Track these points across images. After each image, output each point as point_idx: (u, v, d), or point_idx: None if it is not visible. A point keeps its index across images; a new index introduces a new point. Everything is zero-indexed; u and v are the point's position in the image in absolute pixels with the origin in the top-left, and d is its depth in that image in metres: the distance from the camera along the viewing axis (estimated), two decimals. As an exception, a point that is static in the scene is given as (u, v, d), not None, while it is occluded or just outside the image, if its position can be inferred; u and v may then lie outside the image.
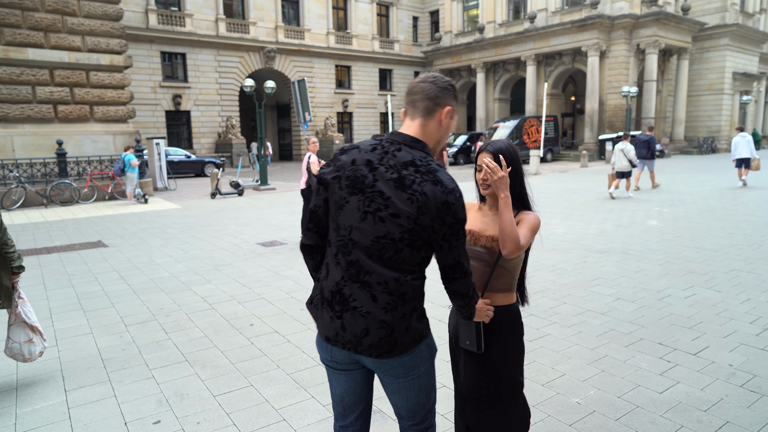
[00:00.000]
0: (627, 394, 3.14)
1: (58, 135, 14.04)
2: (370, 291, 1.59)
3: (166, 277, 6.00)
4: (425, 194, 1.55)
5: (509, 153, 1.99)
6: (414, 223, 1.56)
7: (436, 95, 1.66)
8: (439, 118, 1.68)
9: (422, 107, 1.66)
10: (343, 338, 1.64)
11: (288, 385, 3.32)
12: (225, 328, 4.36)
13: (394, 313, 1.59)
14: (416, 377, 1.73)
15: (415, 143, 1.65)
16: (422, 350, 1.71)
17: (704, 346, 3.81)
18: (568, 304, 4.78)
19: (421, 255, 1.63)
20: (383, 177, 1.59)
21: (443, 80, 1.70)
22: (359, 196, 1.60)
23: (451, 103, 1.70)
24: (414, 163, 1.59)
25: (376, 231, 1.58)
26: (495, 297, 2.04)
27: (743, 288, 5.15)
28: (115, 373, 3.52)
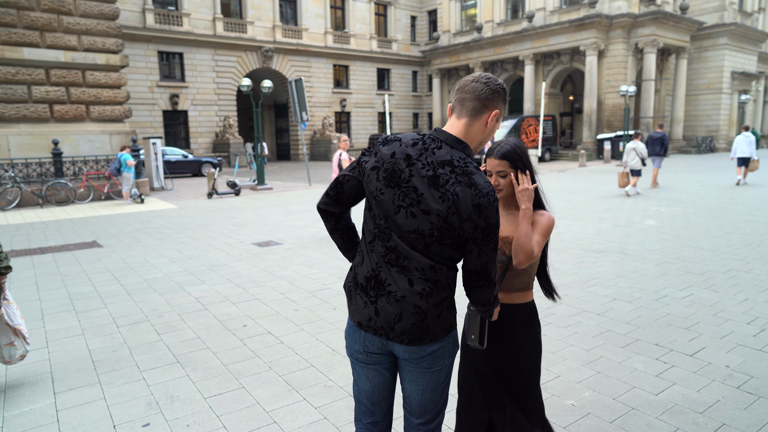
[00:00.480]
0: (622, 395, 3.11)
1: (54, 135, 13.98)
2: (408, 275, 1.61)
3: (160, 278, 5.96)
4: (457, 195, 1.56)
5: (517, 155, 1.95)
6: (443, 221, 1.57)
7: (487, 97, 1.65)
8: (486, 119, 1.67)
9: (471, 107, 1.66)
10: (376, 323, 1.66)
11: (280, 387, 3.28)
12: (218, 329, 4.32)
13: (429, 300, 1.62)
14: (438, 370, 1.73)
15: (457, 143, 1.64)
16: (449, 342, 1.73)
17: (701, 347, 3.78)
18: (564, 305, 4.74)
19: (450, 252, 1.63)
20: (419, 173, 1.60)
21: (495, 82, 1.68)
22: (395, 189, 1.62)
23: (500, 107, 1.69)
24: (451, 162, 1.60)
25: (407, 225, 1.60)
26: (511, 296, 2.03)
27: (741, 288, 5.12)
28: (106, 375, 3.47)
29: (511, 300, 2.03)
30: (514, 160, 1.95)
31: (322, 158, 31.46)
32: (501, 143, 2.00)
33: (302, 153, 20.33)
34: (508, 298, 2.03)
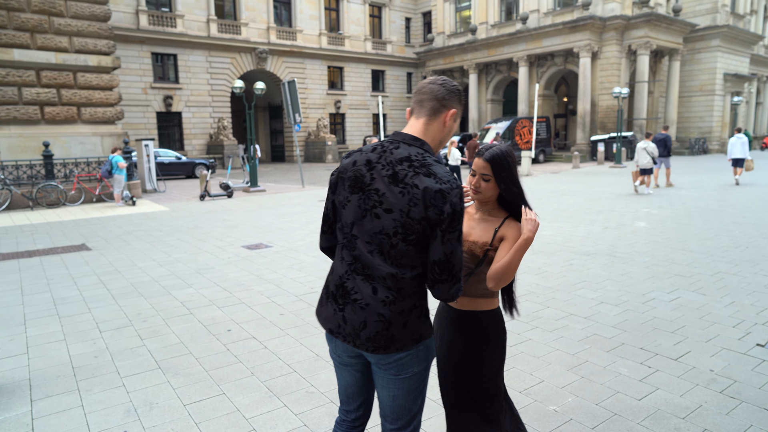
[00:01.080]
0: (605, 401, 3.09)
1: (44, 136, 13.88)
2: (372, 283, 1.64)
3: (147, 282, 5.91)
4: (416, 186, 1.58)
5: (504, 164, 1.92)
6: (406, 216, 1.59)
7: (443, 97, 1.71)
8: (444, 119, 1.72)
9: (429, 107, 1.71)
10: (344, 330, 1.69)
11: (261, 393, 3.25)
12: (202, 333, 4.28)
13: (392, 308, 1.63)
14: (408, 377, 1.73)
15: (414, 141, 1.69)
16: (419, 350, 1.72)
17: (686, 350, 3.77)
18: (551, 308, 4.73)
19: (416, 253, 1.63)
20: (380, 174, 1.64)
21: (451, 84, 1.75)
22: (359, 194, 1.67)
23: (457, 107, 1.75)
24: (409, 158, 1.63)
25: (373, 227, 1.64)
26: (476, 302, 1.98)
27: (728, 291, 5.12)
28: (85, 381, 3.43)
29: (476, 306, 1.99)
30: (499, 167, 1.91)
31: (316, 160, 31.42)
32: (492, 146, 1.96)
33: (296, 155, 20.27)
34: (473, 304, 1.99)
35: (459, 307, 2.02)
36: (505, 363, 3.53)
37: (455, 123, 1.76)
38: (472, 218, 2.03)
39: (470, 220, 2.03)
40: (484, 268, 1.94)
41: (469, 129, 33.31)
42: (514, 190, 1.94)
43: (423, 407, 1.85)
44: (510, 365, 3.56)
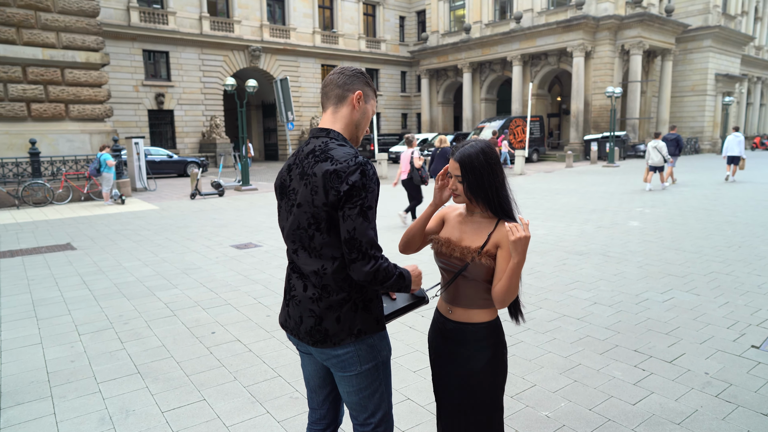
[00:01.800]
0: (599, 406, 3.00)
1: (31, 134, 13.65)
2: (304, 281, 1.69)
3: (131, 282, 5.76)
4: (314, 174, 1.60)
5: (480, 161, 1.74)
6: (311, 205, 1.61)
7: (344, 82, 1.72)
8: (352, 103, 1.72)
9: (333, 96, 1.72)
10: (289, 325, 1.76)
11: (243, 399, 3.13)
12: (185, 336, 4.15)
13: (320, 304, 1.66)
14: (354, 375, 1.72)
15: (320, 132, 1.70)
16: (361, 349, 1.68)
17: (680, 353, 3.68)
18: (543, 309, 4.64)
19: (333, 237, 1.62)
20: (294, 175, 1.70)
21: (351, 69, 1.76)
22: (285, 199, 1.75)
23: (362, 88, 1.74)
24: (314, 150, 1.66)
25: (292, 224, 1.69)
26: (470, 313, 1.82)
27: (721, 291, 5.06)
28: (59, 387, 3.30)
29: (471, 318, 1.83)
30: (469, 167, 1.75)
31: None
32: (466, 144, 1.80)
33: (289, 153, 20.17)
34: (467, 315, 1.83)
35: (453, 318, 1.87)
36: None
37: (369, 105, 1.76)
38: (464, 222, 1.87)
39: (462, 224, 1.87)
40: (476, 275, 1.77)
41: (462, 128, 33.25)
42: (489, 194, 1.76)
43: (386, 405, 1.82)
44: (501, 369, 3.46)
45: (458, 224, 1.88)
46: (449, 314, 1.88)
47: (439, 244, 1.87)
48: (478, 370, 1.82)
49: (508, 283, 1.69)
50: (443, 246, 1.86)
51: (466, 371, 1.84)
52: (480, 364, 1.82)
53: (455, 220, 1.91)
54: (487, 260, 1.75)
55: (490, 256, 1.76)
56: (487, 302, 1.81)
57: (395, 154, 28.71)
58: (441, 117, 35.89)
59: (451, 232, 1.88)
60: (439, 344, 1.93)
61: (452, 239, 1.85)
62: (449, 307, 1.88)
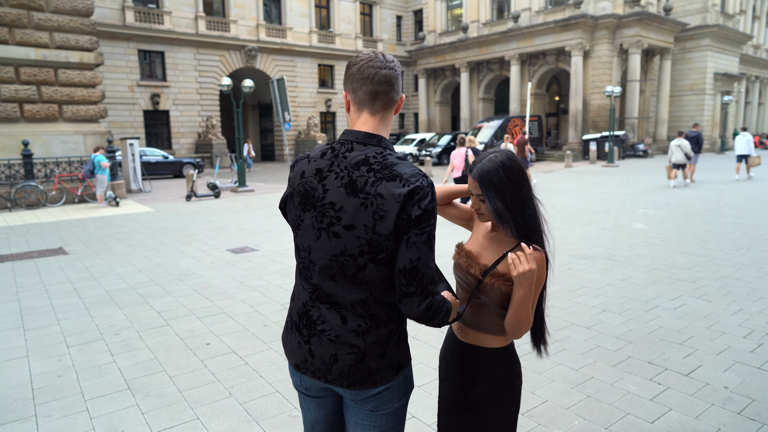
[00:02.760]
0: (615, 424, 2.84)
1: (24, 135, 13.44)
2: (340, 312, 1.41)
3: (123, 289, 5.58)
4: (380, 195, 1.32)
5: (500, 177, 1.54)
6: (372, 231, 1.33)
7: (395, 82, 1.44)
8: (394, 110, 1.48)
9: (383, 94, 1.42)
10: (312, 365, 1.47)
11: (238, 418, 2.95)
12: (178, 348, 3.97)
13: (366, 338, 1.40)
14: (387, 414, 1.49)
15: (369, 138, 1.42)
16: (400, 383, 1.48)
17: (697, 364, 3.52)
18: (551, 317, 4.47)
19: (389, 274, 1.37)
20: (333, 185, 1.39)
21: (392, 61, 1.45)
22: (312, 212, 1.42)
23: (400, 90, 1.49)
24: (367, 161, 1.37)
25: (332, 248, 1.38)
26: (481, 337, 1.65)
27: (734, 297, 4.90)
28: (44, 405, 3.12)
29: (480, 341, 1.66)
30: (488, 184, 1.55)
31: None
32: (484, 158, 1.59)
33: (286, 154, 19.94)
34: (476, 338, 1.66)
35: (464, 339, 1.70)
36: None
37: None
38: (486, 237, 1.69)
39: (484, 239, 1.69)
40: (489, 298, 1.59)
41: (460, 128, 33.10)
42: (513, 214, 1.56)
43: None
44: (510, 383, 3.29)
45: (481, 238, 1.71)
46: (459, 334, 1.73)
47: (460, 255, 1.70)
48: (482, 398, 1.65)
49: (517, 316, 1.52)
50: (463, 258, 1.68)
51: (471, 398, 1.67)
52: (484, 392, 1.65)
53: (480, 232, 1.74)
54: (501, 284, 1.56)
55: (504, 279, 1.57)
56: (501, 329, 1.64)
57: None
58: (438, 117, 35.73)
59: (473, 245, 1.71)
60: (449, 364, 1.77)
61: (473, 253, 1.67)
62: (460, 327, 1.72)
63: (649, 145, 28.75)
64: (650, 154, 28.05)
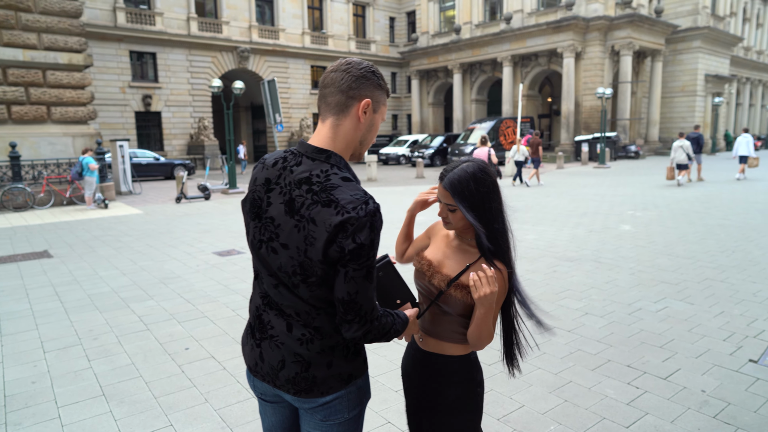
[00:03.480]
0: (591, 428, 2.83)
1: (12, 137, 13.33)
2: (286, 319, 1.40)
3: (106, 293, 5.53)
4: (312, 220, 1.27)
5: (470, 189, 1.51)
6: (303, 255, 1.29)
7: (349, 86, 1.34)
8: (356, 114, 1.35)
9: (333, 103, 1.35)
10: (262, 369, 1.45)
11: (212, 425, 2.92)
12: (156, 353, 3.93)
13: (309, 347, 1.37)
14: (336, 423, 1.45)
15: (318, 154, 1.34)
16: (351, 394, 1.44)
17: (675, 368, 3.52)
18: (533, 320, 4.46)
19: (324, 294, 1.33)
20: (276, 200, 1.35)
21: (360, 66, 1.36)
22: (256, 222, 1.41)
23: (372, 94, 1.37)
24: (309, 180, 1.31)
25: (272, 262, 1.37)
26: (442, 345, 1.64)
27: (716, 299, 4.91)
28: (15, 413, 3.08)
29: (442, 350, 1.65)
30: (460, 194, 1.52)
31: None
32: (456, 167, 1.56)
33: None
34: (438, 346, 1.65)
35: (425, 348, 1.69)
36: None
37: (378, 114, 1.40)
38: (449, 245, 1.67)
39: (446, 248, 1.67)
40: (450, 308, 1.58)
41: (453, 129, 33.14)
42: (481, 223, 1.53)
43: None
44: (488, 387, 3.28)
45: (443, 246, 1.69)
46: (420, 342, 1.71)
47: (421, 264, 1.68)
48: (446, 405, 1.64)
49: (478, 331, 1.52)
50: (424, 267, 1.66)
51: (434, 406, 1.66)
52: (448, 401, 1.64)
53: (442, 240, 1.72)
54: (463, 295, 1.55)
55: (468, 291, 1.55)
56: (462, 337, 1.63)
57: (385, 156, 28.55)
58: (431, 118, 35.77)
59: (435, 253, 1.68)
60: (410, 372, 1.75)
61: (434, 263, 1.65)
62: (421, 335, 1.71)
63: (640, 146, 28.89)
64: (642, 155, 28.19)
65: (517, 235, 8.16)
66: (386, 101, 1.44)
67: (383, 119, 1.45)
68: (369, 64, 1.39)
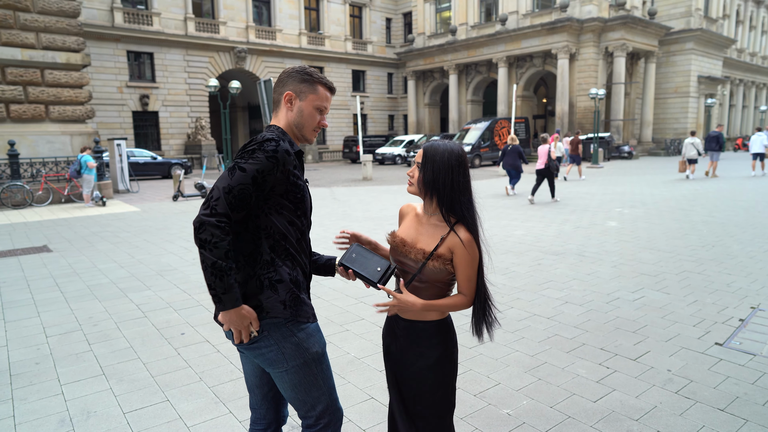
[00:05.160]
0: (560, 403, 3.03)
1: (10, 135, 13.48)
2: None
3: (104, 284, 5.71)
4: None
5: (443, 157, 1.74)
6: None
7: (277, 85, 1.79)
8: (284, 103, 1.78)
9: (275, 98, 1.81)
10: None
11: (206, 400, 3.11)
12: (154, 337, 4.12)
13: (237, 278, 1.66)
14: (284, 371, 1.71)
15: (267, 129, 1.78)
16: (284, 346, 1.68)
17: (645, 350, 3.73)
18: (515, 309, 4.67)
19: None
20: None
21: (287, 70, 1.82)
22: None
23: (293, 87, 1.77)
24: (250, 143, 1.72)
25: None
26: (422, 313, 1.82)
27: (692, 290, 5.13)
28: (21, 390, 3.26)
29: (422, 317, 1.83)
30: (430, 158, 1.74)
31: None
32: (442, 140, 1.83)
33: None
34: (418, 314, 1.83)
35: (406, 317, 1.86)
36: (463, 366, 3.47)
37: (305, 102, 1.77)
38: (421, 222, 1.84)
39: (419, 225, 1.84)
40: (428, 278, 1.76)
41: (449, 129, 33.37)
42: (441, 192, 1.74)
43: (326, 398, 1.79)
44: (467, 368, 3.48)
45: (415, 224, 1.86)
46: (404, 314, 1.87)
47: (395, 242, 1.85)
48: (427, 367, 1.83)
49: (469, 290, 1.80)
50: (398, 245, 1.84)
51: (417, 369, 1.85)
52: (429, 362, 1.83)
53: (412, 220, 1.89)
54: (439, 264, 1.74)
55: (444, 260, 1.75)
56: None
57: (381, 156, 28.73)
58: (427, 118, 36.00)
59: (407, 232, 1.86)
60: (390, 342, 1.93)
61: (407, 240, 1.82)
62: None
63: (633, 146, 29.18)
64: (635, 155, 28.46)
65: (506, 231, 8.37)
66: (318, 90, 1.78)
67: (320, 107, 1.79)
68: (299, 66, 1.82)
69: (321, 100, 1.79)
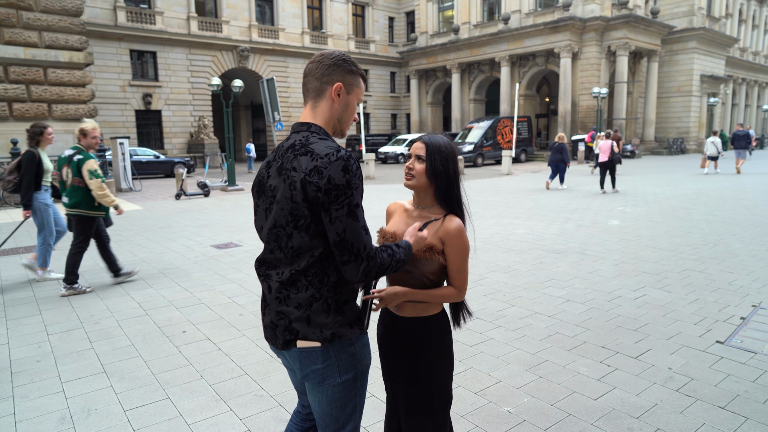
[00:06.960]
0: (561, 401, 3.02)
1: (13, 134, 13.49)
2: (269, 282, 1.62)
3: (106, 282, 5.72)
4: (294, 168, 1.51)
5: (447, 148, 1.80)
6: (290, 201, 1.51)
7: (323, 73, 1.60)
8: (331, 96, 1.61)
9: (312, 89, 1.62)
10: (267, 335, 1.68)
11: (207, 397, 3.12)
12: (155, 335, 4.13)
13: (288, 302, 1.56)
14: (330, 387, 1.60)
15: (301, 126, 1.61)
16: (341, 358, 1.58)
17: (646, 348, 3.72)
18: (516, 307, 4.66)
19: (311, 236, 1.51)
20: (273, 172, 1.59)
21: (331, 56, 1.62)
22: (262, 197, 1.64)
23: (343, 78, 1.61)
24: (293, 145, 1.56)
25: (269, 223, 1.60)
26: (417, 308, 1.82)
27: (693, 288, 5.11)
28: (22, 387, 3.27)
29: (419, 312, 1.83)
30: (435, 149, 1.78)
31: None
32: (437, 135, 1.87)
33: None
34: (414, 310, 1.83)
35: (401, 314, 1.86)
36: (464, 363, 3.47)
37: (352, 95, 1.63)
38: (411, 216, 1.87)
39: (408, 218, 1.87)
40: (420, 270, 1.77)
41: (452, 128, 33.34)
42: (445, 182, 1.80)
43: (358, 417, 1.71)
44: (468, 365, 3.48)
45: (405, 218, 1.88)
46: (397, 311, 1.87)
47: (385, 238, 1.86)
48: (425, 361, 1.83)
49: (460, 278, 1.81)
50: (389, 239, 1.85)
51: (414, 364, 1.84)
52: (427, 356, 1.83)
53: (401, 215, 1.91)
54: (431, 255, 1.75)
55: (435, 251, 1.75)
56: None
57: (384, 155, 28.73)
58: (430, 117, 35.98)
59: (398, 225, 1.87)
60: (387, 341, 1.92)
61: (398, 233, 1.84)
62: (397, 305, 1.86)
63: (636, 145, 29.10)
64: (638, 154, 28.39)
65: (508, 230, 8.36)
66: (361, 84, 1.67)
67: (360, 100, 1.69)
68: (341, 53, 1.64)
69: (362, 93, 1.70)
